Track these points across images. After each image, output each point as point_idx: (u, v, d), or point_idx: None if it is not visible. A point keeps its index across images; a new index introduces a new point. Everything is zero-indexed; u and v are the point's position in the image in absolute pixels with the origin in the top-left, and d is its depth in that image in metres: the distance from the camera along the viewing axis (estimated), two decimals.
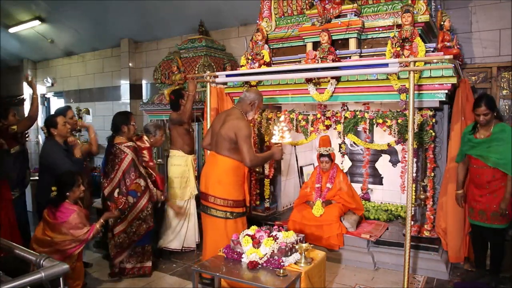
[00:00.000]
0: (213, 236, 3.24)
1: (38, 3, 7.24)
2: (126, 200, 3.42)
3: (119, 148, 3.47)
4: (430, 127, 3.53)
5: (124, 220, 3.44)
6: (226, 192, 3.18)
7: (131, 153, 3.47)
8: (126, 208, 3.42)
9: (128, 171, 3.44)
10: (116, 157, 3.47)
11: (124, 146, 3.48)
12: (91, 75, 8.85)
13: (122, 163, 3.44)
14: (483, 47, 4.65)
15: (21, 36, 8.69)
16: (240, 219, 3.26)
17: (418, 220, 3.81)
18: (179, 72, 5.58)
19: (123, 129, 3.52)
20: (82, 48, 8.72)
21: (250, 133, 3.15)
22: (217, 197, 3.19)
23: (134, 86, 7.85)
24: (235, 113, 3.26)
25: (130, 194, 3.44)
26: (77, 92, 9.18)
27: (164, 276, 3.63)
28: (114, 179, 3.46)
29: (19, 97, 10.22)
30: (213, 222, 3.23)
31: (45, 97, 10.29)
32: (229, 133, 3.13)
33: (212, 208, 3.22)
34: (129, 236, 3.47)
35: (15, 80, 10.35)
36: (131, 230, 3.46)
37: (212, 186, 3.22)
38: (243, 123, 3.15)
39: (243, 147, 3.07)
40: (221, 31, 6.58)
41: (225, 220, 3.19)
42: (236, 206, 3.22)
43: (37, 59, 10.06)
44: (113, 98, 8.23)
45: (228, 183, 3.19)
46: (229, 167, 3.19)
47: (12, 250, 1.83)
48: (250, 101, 3.30)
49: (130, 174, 3.44)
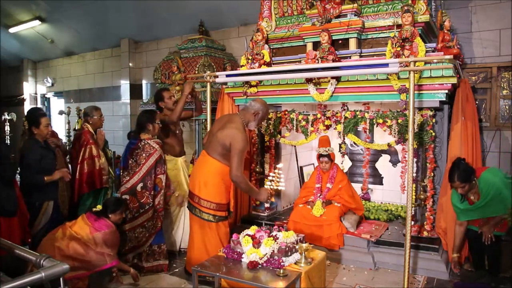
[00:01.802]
0: (194, 234, 3.31)
1: (38, 3, 7.24)
2: (149, 194, 3.55)
3: (148, 143, 3.61)
4: (430, 127, 3.53)
5: (144, 214, 3.55)
6: (211, 194, 3.20)
7: (160, 149, 3.63)
8: (149, 202, 3.54)
9: (155, 166, 3.58)
10: (144, 151, 3.58)
11: (154, 142, 3.64)
12: (91, 75, 8.85)
13: (150, 158, 3.56)
14: (483, 47, 4.65)
15: (21, 36, 8.69)
16: (222, 223, 3.29)
17: (418, 220, 3.81)
18: (179, 72, 5.58)
19: (148, 127, 3.65)
20: (82, 48, 8.72)
21: (245, 148, 3.14)
22: (201, 198, 3.22)
23: (134, 86, 7.86)
24: (236, 122, 3.24)
25: (154, 189, 3.58)
26: (77, 92, 9.18)
27: (164, 276, 3.63)
28: (139, 173, 3.56)
29: (19, 97, 10.24)
30: (197, 222, 3.29)
31: (45, 97, 10.30)
32: (225, 140, 3.13)
33: (196, 208, 3.25)
34: (148, 230, 3.59)
35: (15, 80, 10.36)
36: (151, 224, 3.59)
37: (198, 186, 3.24)
38: (241, 136, 3.12)
39: (233, 159, 3.07)
40: (221, 31, 6.58)
41: (208, 223, 3.23)
42: (219, 209, 3.24)
43: (37, 59, 10.06)
44: (113, 98, 8.23)
45: (213, 185, 3.21)
46: (217, 170, 3.21)
47: (12, 250, 1.83)
48: (255, 111, 3.29)
49: (157, 169, 3.59)
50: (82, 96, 9.03)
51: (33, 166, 3.54)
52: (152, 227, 3.61)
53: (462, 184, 3.16)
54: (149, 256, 3.65)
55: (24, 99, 10.21)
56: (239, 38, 6.36)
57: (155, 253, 3.66)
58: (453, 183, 3.21)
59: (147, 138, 3.64)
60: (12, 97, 10.30)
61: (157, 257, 3.67)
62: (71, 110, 7.46)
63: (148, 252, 3.64)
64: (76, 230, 3.14)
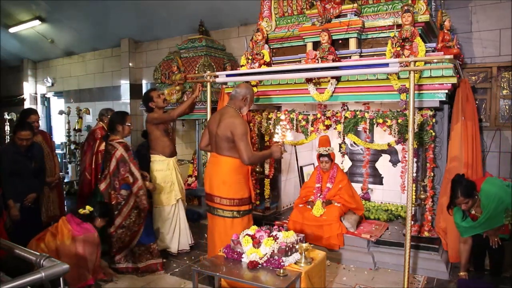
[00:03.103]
0: (220, 236, 3.24)
1: (38, 3, 7.24)
2: (118, 194, 3.49)
3: (111, 144, 3.56)
4: (430, 127, 3.53)
5: (119, 216, 3.51)
6: (232, 191, 3.18)
7: (121, 149, 3.52)
8: (120, 202, 3.49)
9: (118, 166, 3.49)
10: (108, 153, 3.56)
11: (116, 142, 3.55)
12: (91, 75, 8.85)
13: (113, 158, 3.51)
14: (483, 47, 4.65)
15: (21, 36, 8.69)
16: (247, 216, 3.28)
17: (418, 220, 3.81)
18: (179, 72, 5.58)
19: (118, 128, 3.62)
20: (82, 48, 8.72)
21: (246, 130, 3.13)
22: (222, 198, 3.19)
23: (134, 86, 7.85)
24: (229, 112, 3.24)
25: (123, 188, 3.51)
26: (77, 92, 9.18)
27: (164, 276, 3.63)
28: (108, 175, 3.53)
29: (19, 97, 10.24)
30: (220, 222, 3.24)
31: (45, 97, 10.29)
32: (226, 133, 3.12)
33: (218, 208, 3.22)
34: (129, 229, 3.53)
35: (15, 80, 10.36)
36: (131, 222, 3.53)
37: (217, 186, 3.21)
38: (238, 121, 3.13)
39: (240, 145, 3.07)
40: (221, 31, 6.58)
41: (232, 220, 3.20)
42: (242, 204, 3.22)
43: (37, 59, 10.06)
44: (113, 98, 8.23)
45: (232, 183, 3.19)
46: (232, 167, 3.19)
47: (12, 250, 1.83)
48: (242, 96, 3.29)
49: (121, 169, 3.48)
50: (82, 96, 9.02)
51: (5, 169, 3.61)
52: (132, 225, 3.54)
53: (466, 199, 3.09)
54: (141, 256, 3.62)
55: (24, 99, 10.21)
56: (239, 38, 6.36)
57: (146, 252, 3.63)
58: (456, 199, 3.12)
59: (111, 140, 3.58)
60: (12, 97, 10.30)
61: (149, 256, 3.64)
62: (71, 110, 7.48)
63: (140, 252, 3.61)
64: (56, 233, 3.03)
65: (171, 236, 4.07)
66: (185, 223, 4.18)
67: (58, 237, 3.01)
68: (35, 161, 3.86)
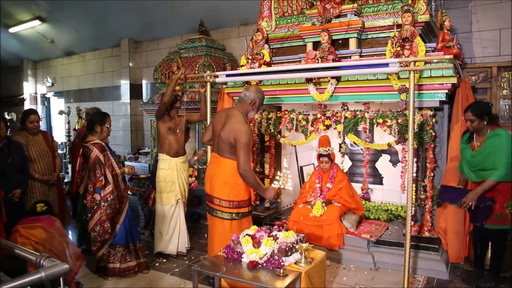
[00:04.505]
0: (219, 238, 3.22)
1: (38, 3, 7.24)
2: (92, 198, 3.43)
3: (87, 146, 3.48)
4: (430, 127, 3.53)
5: (91, 220, 3.45)
6: (232, 193, 3.16)
7: (96, 150, 3.44)
8: (94, 206, 3.43)
9: (93, 168, 3.42)
10: (84, 155, 3.52)
11: (91, 144, 3.47)
12: (91, 75, 8.85)
13: (89, 160, 3.46)
14: (483, 47, 4.65)
15: (21, 36, 8.69)
16: (246, 219, 3.26)
17: (418, 220, 3.81)
18: (179, 70, 5.57)
19: (96, 129, 3.54)
20: (82, 48, 8.73)
21: (250, 140, 3.07)
22: (222, 199, 3.17)
23: (134, 86, 7.86)
24: (236, 116, 3.16)
25: (96, 192, 3.43)
26: (77, 92, 9.18)
27: (164, 276, 3.63)
28: (85, 177, 3.52)
29: (19, 97, 10.24)
30: (219, 224, 3.22)
31: (45, 97, 10.29)
32: (229, 137, 3.08)
33: (217, 210, 3.20)
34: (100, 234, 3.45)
35: (15, 80, 10.36)
36: (100, 230, 3.45)
37: (218, 188, 3.19)
38: (244, 129, 3.06)
39: (240, 153, 3.02)
40: (221, 31, 6.58)
41: (231, 222, 3.19)
42: (242, 206, 3.21)
43: (37, 59, 10.07)
44: (113, 98, 8.23)
45: (233, 184, 3.16)
46: (233, 169, 3.14)
47: (12, 250, 1.83)
48: (251, 100, 3.20)
49: (96, 171, 3.41)
50: (82, 96, 9.03)
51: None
52: (102, 233, 3.45)
53: (473, 117, 3.18)
54: (122, 257, 3.56)
55: (24, 99, 10.21)
56: (239, 38, 6.37)
57: (131, 252, 3.61)
58: (465, 113, 3.23)
59: (87, 141, 3.50)
60: (12, 97, 10.30)
61: (135, 255, 3.63)
62: (71, 110, 7.47)
63: (123, 253, 3.57)
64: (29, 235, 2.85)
65: (170, 237, 4.06)
66: (184, 225, 4.16)
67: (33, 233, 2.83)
68: (12, 157, 3.75)
